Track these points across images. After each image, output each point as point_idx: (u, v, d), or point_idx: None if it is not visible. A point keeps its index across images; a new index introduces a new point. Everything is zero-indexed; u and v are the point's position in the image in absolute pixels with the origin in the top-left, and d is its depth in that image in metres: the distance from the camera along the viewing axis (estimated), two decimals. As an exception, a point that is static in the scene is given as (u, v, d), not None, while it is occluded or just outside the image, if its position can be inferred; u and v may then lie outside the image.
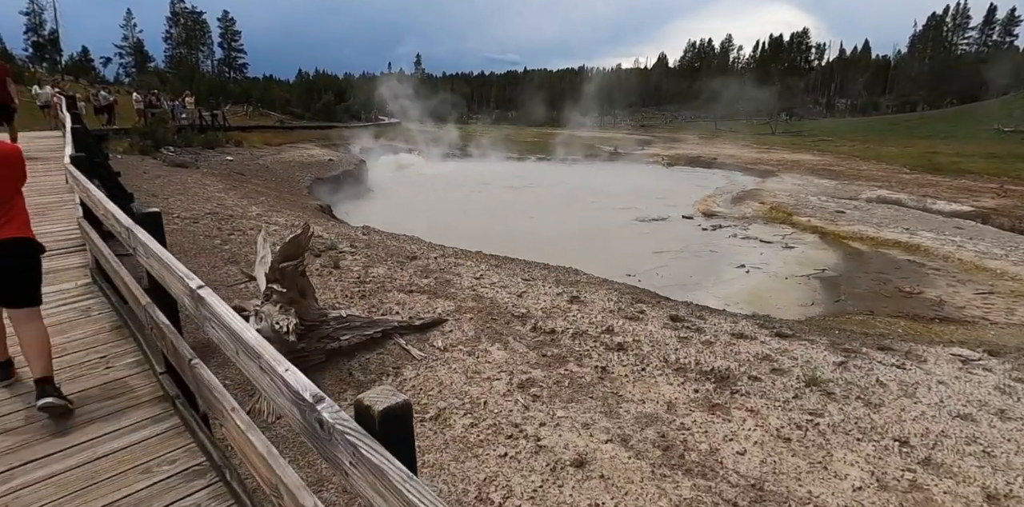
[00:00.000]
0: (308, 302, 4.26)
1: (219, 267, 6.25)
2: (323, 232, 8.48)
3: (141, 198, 8.95)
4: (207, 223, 8.10)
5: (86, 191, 3.08)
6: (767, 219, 16.68)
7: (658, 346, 5.56)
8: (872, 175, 28.85)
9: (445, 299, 6.18)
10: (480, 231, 14.29)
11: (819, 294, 10.15)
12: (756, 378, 5.16)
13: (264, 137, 29.01)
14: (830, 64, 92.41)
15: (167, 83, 47.88)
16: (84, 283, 3.86)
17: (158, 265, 2.07)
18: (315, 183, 17.49)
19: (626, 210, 18.85)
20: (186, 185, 11.43)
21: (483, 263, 8.02)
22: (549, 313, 6.16)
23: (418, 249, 8.34)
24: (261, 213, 9.37)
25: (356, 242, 8.15)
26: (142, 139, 17.30)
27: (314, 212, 12.31)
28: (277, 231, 8.17)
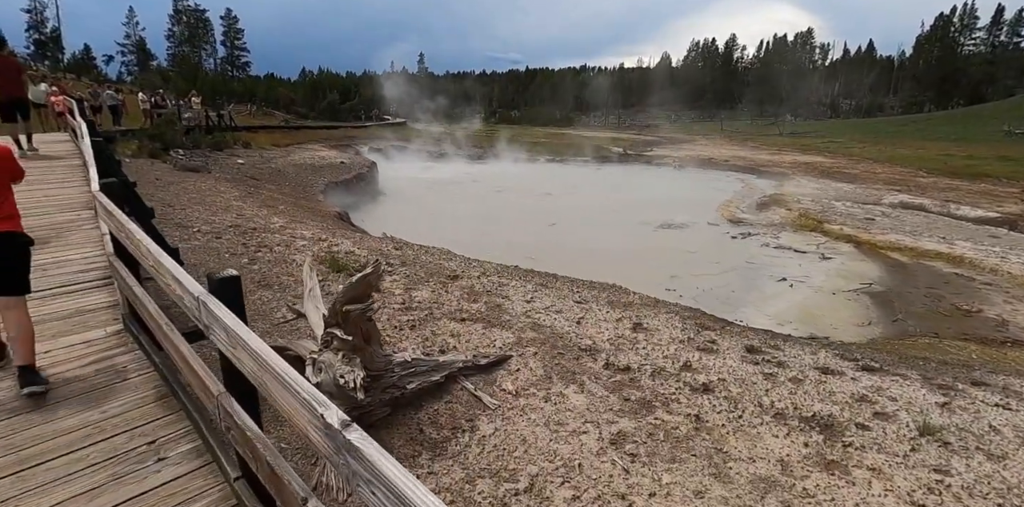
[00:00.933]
0: (373, 348, 3.64)
1: (251, 291, 5.62)
2: (353, 247, 7.86)
3: (157, 208, 8.31)
4: (230, 238, 7.48)
5: (126, 233, 2.46)
6: (796, 227, 16.07)
7: (746, 387, 4.95)
8: (889, 178, 28.29)
9: (502, 329, 5.57)
10: (505, 240, 13.68)
11: (873, 312, 9.55)
12: (864, 426, 4.56)
13: (271, 137, 28.39)
14: (834, 64, 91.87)
15: (170, 81, 47.13)
16: (115, 330, 3.25)
17: (256, 367, 1.46)
18: (329, 187, 16.87)
19: (648, 216, 18.23)
20: (201, 193, 10.79)
21: (528, 282, 7.41)
22: (617, 345, 5.55)
23: (456, 266, 7.72)
24: (284, 225, 8.74)
25: (390, 258, 7.53)
26: (151, 141, 16.67)
27: (334, 221, 11.68)
28: (305, 246, 7.56)
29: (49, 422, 2.41)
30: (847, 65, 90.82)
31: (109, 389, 2.69)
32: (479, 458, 3.56)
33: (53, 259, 4.26)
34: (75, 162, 8.31)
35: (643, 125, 77.56)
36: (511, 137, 45.54)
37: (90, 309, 3.51)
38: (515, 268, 8.42)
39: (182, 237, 7.15)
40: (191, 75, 48.88)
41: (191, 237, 7.23)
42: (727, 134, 58.74)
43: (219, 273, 1.83)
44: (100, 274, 4.01)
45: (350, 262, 6.95)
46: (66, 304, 3.54)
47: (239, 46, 63.26)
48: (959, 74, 63.07)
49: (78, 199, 6.06)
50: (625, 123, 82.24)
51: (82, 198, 6.07)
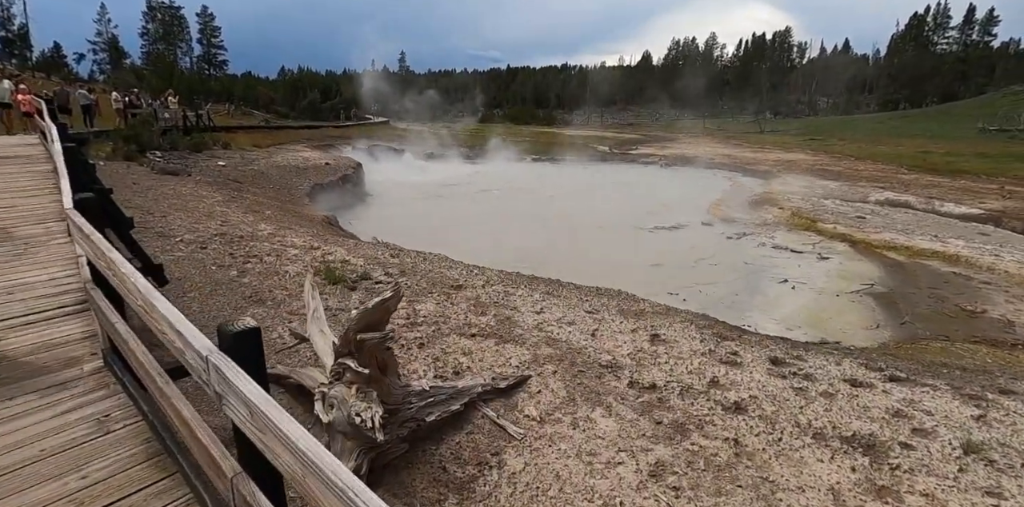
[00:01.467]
0: (390, 379, 3.25)
1: (242, 310, 5.17)
2: (348, 256, 7.41)
3: (136, 216, 7.76)
4: (216, 248, 6.98)
5: (108, 264, 2.04)
6: (790, 226, 15.96)
7: (780, 404, 4.65)
8: (872, 175, 28.50)
9: (515, 344, 5.20)
10: (498, 244, 13.30)
11: (879, 314, 9.37)
12: (907, 445, 4.29)
13: (252, 138, 27.56)
14: (811, 62, 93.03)
15: (145, 80, 45.73)
16: (94, 368, 2.80)
17: (298, 467, 1.07)
18: (314, 190, 16.31)
19: (641, 217, 17.98)
20: (182, 197, 10.22)
21: (534, 291, 7.04)
22: (638, 360, 5.22)
23: (458, 275, 7.33)
24: (273, 232, 8.25)
25: (388, 267, 7.11)
26: (126, 143, 15.92)
27: (323, 227, 11.18)
28: (297, 256, 7.09)
29: (16, 494, 1.98)
30: (824, 63, 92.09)
31: (93, 445, 2.27)
32: (512, 500, 3.19)
33: (19, 281, 3.78)
34: (44, 167, 7.73)
35: (625, 123, 77.74)
36: (495, 136, 45.10)
37: (63, 341, 3.05)
38: (517, 275, 8.04)
39: (164, 248, 6.64)
40: (166, 74, 47.42)
41: (174, 247, 6.73)
42: (710, 132, 59.02)
43: (234, 324, 1.43)
44: (74, 298, 3.55)
45: (347, 272, 6.51)
46: (34, 336, 3.08)
47: (216, 44, 61.71)
48: (933, 72, 64.19)
49: (48, 209, 5.54)
50: (607, 121, 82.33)
51: (52, 208, 5.55)
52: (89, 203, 2.66)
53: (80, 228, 2.39)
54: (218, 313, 5.03)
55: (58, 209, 5.48)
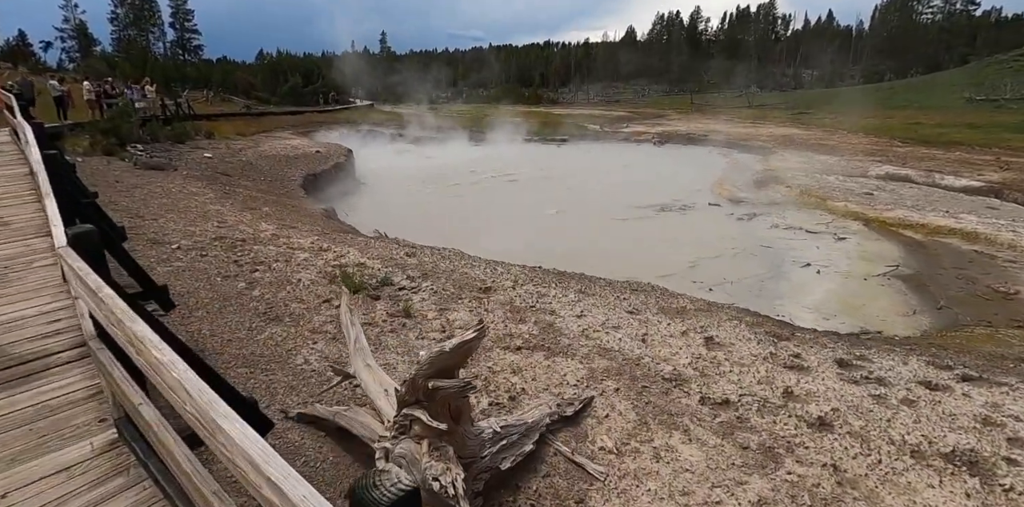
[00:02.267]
0: (464, 428, 2.70)
1: (258, 330, 4.58)
2: (362, 257, 6.80)
3: (125, 220, 7.07)
4: (218, 254, 6.33)
5: (129, 336, 1.45)
6: (799, 205, 15.51)
7: (865, 417, 4.20)
8: (867, 149, 28.17)
9: (566, 357, 4.68)
10: (508, 233, 12.70)
11: (912, 299, 8.99)
12: (1012, 461, 3.88)
13: (234, 126, 26.38)
14: (795, 35, 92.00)
15: (117, 68, 43.78)
16: (107, 442, 2.22)
17: None
18: (307, 181, 15.51)
19: (645, 197, 17.44)
20: (172, 196, 9.46)
21: (567, 290, 6.50)
22: (700, 369, 4.73)
23: (482, 274, 6.76)
24: (276, 233, 7.58)
25: (408, 269, 6.51)
26: (104, 136, 14.92)
27: (324, 222, 10.50)
28: (308, 260, 6.46)
29: None
30: (808, 36, 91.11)
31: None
32: (615, 566, 2.71)
33: (2, 318, 3.16)
34: (19, 170, 6.97)
35: (611, 100, 76.57)
36: (482, 117, 44.03)
37: (63, 404, 2.45)
38: (542, 271, 7.49)
39: (160, 257, 5.97)
40: (140, 60, 45.40)
41: (171, 256, 6.06)
42: (698, 108, 58.24)
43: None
44: (70, 340, 2.93)
45: (366, 278, 5.92)
46: (27, 397, 2.48)
47: (189, 28, 59.03)
48: (917, 43, 63.71)
49: (27, 222, 4.85)
50: (593, 99, 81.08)
51: (33, 221, 4.86)
52: (90, 240, 2.02)
53: (82, 278, 1.78)
54: (232, 335, 4.43)
55: (40, 222, 4.80)
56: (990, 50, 62.23)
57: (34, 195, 5.94)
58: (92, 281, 1.72)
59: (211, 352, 4.10)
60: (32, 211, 5.16)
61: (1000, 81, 47.55)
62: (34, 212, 5.11)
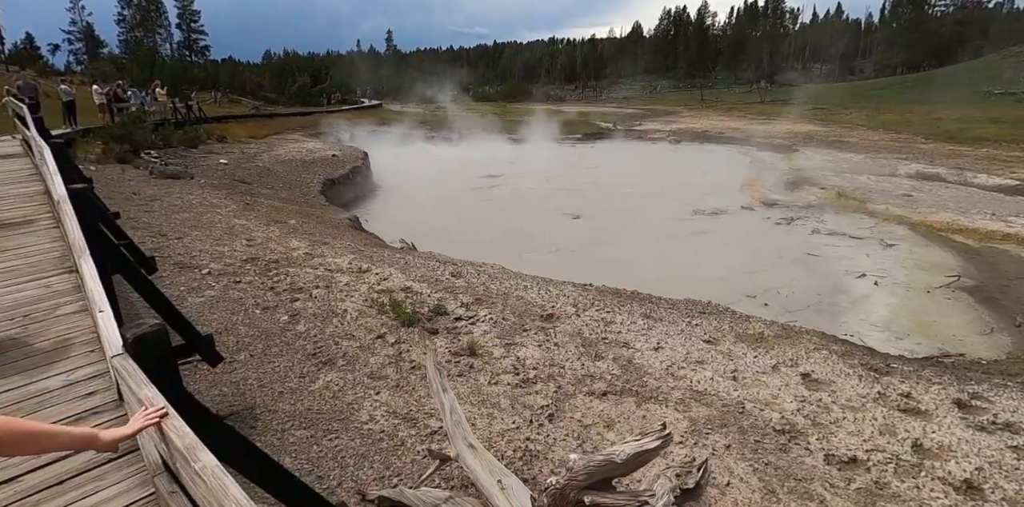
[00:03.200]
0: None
1: (311, 377, 4.01)
2: (406, 279, 6.22)
3: (148, 240, 6.52)
4: (252, 279, 5.76)
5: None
6: (838, 207, 14.83)
7: (1015, 478, 3.60)
8: (891, 146, 27.45)
9: (659, 404, 4.09)
10: (538, 241, 12.12)
11: (985, 314, 8.34)
12: None
13: (246, 128, 25.87)
14: (803, 28, 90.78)
15: (124, 70, 43.35)
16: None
17: None
18: (326, 186, 14.95)
19: (674, 201, 16.82)
20: (192, 209, 8.91)
21: (632, 314, 5.91)
22: (810, 416, 4.14)
23: (538, 296, 6.18)
24: (309, 252, 7.01)
25: (458, 292, 5.94)
26: (117, 143, 14.39)
27: (353, 234, 9.94)
28: (351, 285, 5.89)
29: None
30: (816, 30, 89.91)
31: None
32: None
33: (23, 389, 2.59)
34: (33, 188, 6.42)
35: (620, 97, 75.75)
36: (492, 116, 43.38)
37: (105, 498, 1.88)
38: (597, 291, 6.89)
39: (191, 285, 5.41)
40: (147, 62, 44.92)
41: (202, 283, 5.50)
42: (708, 104, 57.38)
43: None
44: (106, 416, 2.36)
45: (416, 305, 5.34)
46: (54, 486, 1.91)
47: (196, 29, 58.46)
48: (931, 36, 62.56)
49: (45, 254, 4.28)
50: (601, 96, 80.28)
51: (52, 252, 4.30)
52: (155, 342, 1.42)
53: (149, 411, 1.20)
54: (283, 385, 3.86)
55: (59, 253, 4.24)
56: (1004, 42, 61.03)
57: (51, 217, 5.39)
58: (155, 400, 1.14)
59: (263, 409, 3.53)
60: (50, 240, 4.60)
61: (1020, 74, 46.47)
62: (52, 241, 4.55)
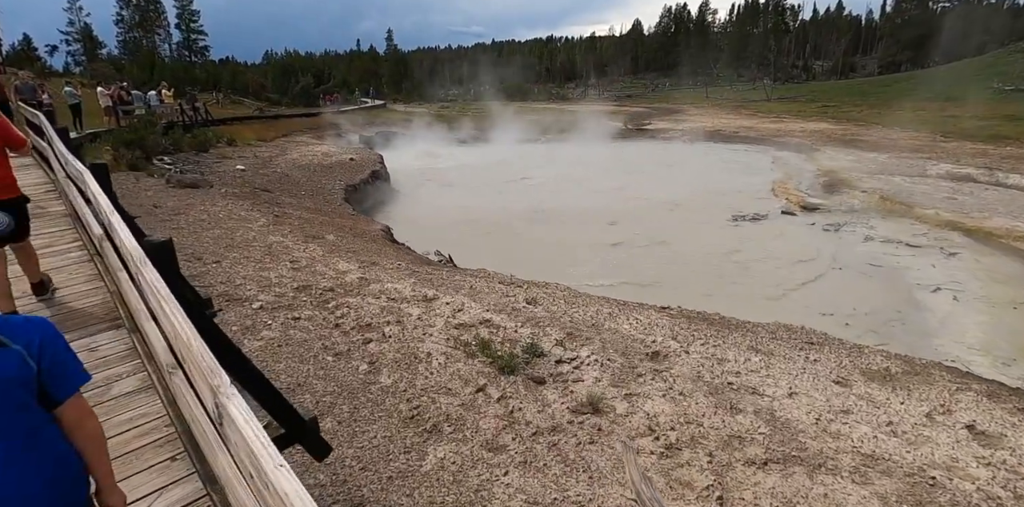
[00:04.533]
0: None
1: (418, 452, 3.26)
2: (481, 310, 5.46)
3: (183, 265, 5.73)
4: (311, 314, 5.00)
5: None
6: (883, 212, 14.13)
7: None
8: (912, 145, 26.79)
9: (831, 474, 3.35)
10: (582, 252, 11.38)
11: (1089, 332, 7.66)
12: None
13: (253, 130, 25.04)
14: (803, 25, 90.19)
15: (124, 71, 42.41)
16: None
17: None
18: (348, 192, 14.17)
19: (706, 201, 16.12)
20: (221, 223, 8.13)
21: (740, 348, 5.19)
22: (1012, 489, 3.42)
23: (630, 327, 5.45)
24: (363, 276, 6.24)
25: (543, 325, 5.20)
26: (128, 149, 13.58)
27: (393, 248, 9.19)
28: (422, 318, 5.14)
29: None
30: (817, 26, 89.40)
31: None
32: None
33: None
34: (55, 209, 5.64)
35: (623, 95, 75.01)
36: (499, 115, 42.58)
37: None
38: (684, 316, 6.17)
39: (244, 323, 4.66)
40: (147, 63, 43.93)
41: (256, 321, 4.74)
42: (714, 102, 56.65)
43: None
44: None
45: (506, 343, 4.61)
46: None
47: (195, 29, 57.19)
48: (935, 31, 62.00)
49: (92, 302, 3.53)
50: (603, 94, 79.49)
51: (95, 296, 3.55)
52: None
53: None
54: (387, 466, 3.11)
55: (101, 297, 3.49)
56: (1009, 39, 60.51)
57: (79, 244, 4.64)
58: None
59: (374, 504, 2.79)
60: (86, 281, 3.83)
61: (1028, 71, 45.87)
62: (88, 283, 3.79)
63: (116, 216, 2.46)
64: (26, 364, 1.12)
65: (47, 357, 1.16)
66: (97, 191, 2.84)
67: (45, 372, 1.16)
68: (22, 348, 1.13)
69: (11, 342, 1.12)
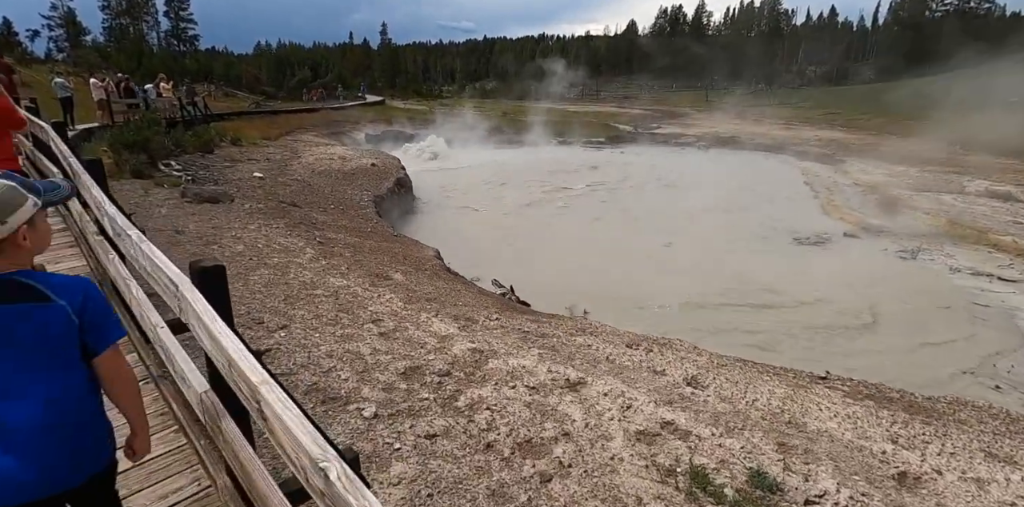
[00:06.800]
0: None
1: None
2: (651, 404, 4.10)
3: (243, 333, 4.29)
4: (443, 423, 3.60)
5: None
6: (954, 237, 13.11)
7: None
8: (933, 157, 26.09)
9: None
10: (646, 284, 10.10)
11: None
12: None
13: (255, 127, 23.22)
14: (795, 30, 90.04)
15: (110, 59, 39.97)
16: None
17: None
18: (377, 204, 12.71)
19: (753, 221, 14.98)
20: (264, 257, 6.66)
21: (973, 452, 3.98)
22: None
23: (836, 425, 4.19)
24: (473, 345, 4.84)
25: (735, 427, 3.90)
26: (130, 151, 11.91)
27: (461, 284, 7.81)
28: (593, 426, 3.80)
29: None
30: (812, 31, 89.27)
31: None
32: None
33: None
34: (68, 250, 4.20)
35: (621, 96, 73.96)
36: (501, 115, 41.11)
37: None
38: (854, 392, 4.95)
39: (361, 447, 3.26)
40: (135, 51, 41.41)
41: (378, 445, 3.33)
42: (716, 106, 55.81)
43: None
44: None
45: (720, 468, 3.31)
46: None
47: (184, 17, 54.28)
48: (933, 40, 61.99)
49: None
50: (600, 95, 78.36)
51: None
52: None
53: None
54: None
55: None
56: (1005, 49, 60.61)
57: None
58: None
59: None
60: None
61: (1030, 83, 45.70)
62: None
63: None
64: (70, 319, 1.23)
65: (88, 313, 1.26)
66: (137, 236, 1.54)
67: (87, 326, 1.26)
68: (67, 304, 1.23)
69: (57, 298, 1.22)
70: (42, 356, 1.19)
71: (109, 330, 1.31)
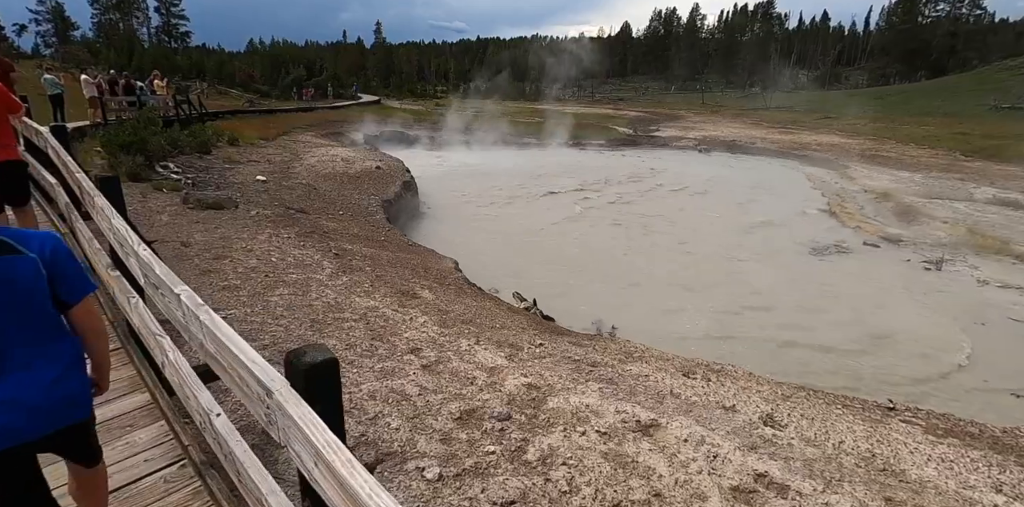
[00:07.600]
0: None
1: None
2: (738, 453, 3.64)
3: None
4: (517, 484, 3.09)
5: None
6: (975, 247, 12.81)
7: None
8: (936, 163, 26.05)
9: None
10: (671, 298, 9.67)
11: None
12: None
13: (252, 127, 22.57)
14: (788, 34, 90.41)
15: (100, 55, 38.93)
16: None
17: None
18: (386, 210, 12.18)
19: (766, 226, 14.65)
20: (281, 274, 6.12)
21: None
22: None
23: (935, 473, 3.76)
24: (526, 380, 4.33)
25: (831, 478, 3.46)
26: (126, 152, 11.28)
27: (491, 301, 7.32)
28: (684, 483, 3.34)
29: None
30: (805, 36, 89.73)
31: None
32: None
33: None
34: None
35: (615, 98, 73.73)
36: (496, 115, 40.56)
37: None
38: (924, 422, 4.55)
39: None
40: (125, 47, 40.38)
41: None
42: (711, 109, 55.72)
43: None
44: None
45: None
46: None
47: (176, 13, 53.15)
48: (925, 46, 62.44)
49: None
50: (595, 96, 78.11)
51: None
52: None
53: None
54: None
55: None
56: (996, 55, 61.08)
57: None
58: None
59: None
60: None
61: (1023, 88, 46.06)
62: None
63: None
64: (40, 271, 1.28)
65: (58, 264, 1.32)
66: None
67: (57, 277, 1.33)
68: (36, 256, 1.28)
69: (27, 251, 1.27)
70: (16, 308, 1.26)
71: (81, 282, 1.40)
